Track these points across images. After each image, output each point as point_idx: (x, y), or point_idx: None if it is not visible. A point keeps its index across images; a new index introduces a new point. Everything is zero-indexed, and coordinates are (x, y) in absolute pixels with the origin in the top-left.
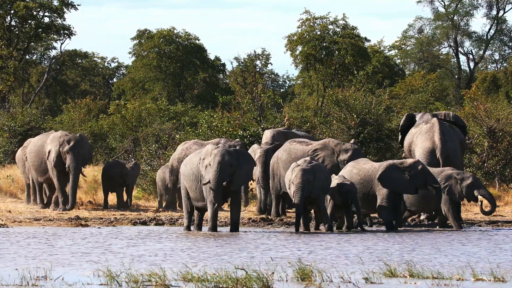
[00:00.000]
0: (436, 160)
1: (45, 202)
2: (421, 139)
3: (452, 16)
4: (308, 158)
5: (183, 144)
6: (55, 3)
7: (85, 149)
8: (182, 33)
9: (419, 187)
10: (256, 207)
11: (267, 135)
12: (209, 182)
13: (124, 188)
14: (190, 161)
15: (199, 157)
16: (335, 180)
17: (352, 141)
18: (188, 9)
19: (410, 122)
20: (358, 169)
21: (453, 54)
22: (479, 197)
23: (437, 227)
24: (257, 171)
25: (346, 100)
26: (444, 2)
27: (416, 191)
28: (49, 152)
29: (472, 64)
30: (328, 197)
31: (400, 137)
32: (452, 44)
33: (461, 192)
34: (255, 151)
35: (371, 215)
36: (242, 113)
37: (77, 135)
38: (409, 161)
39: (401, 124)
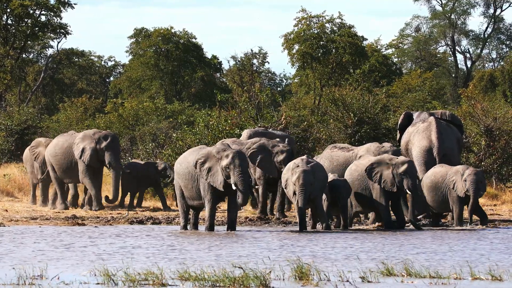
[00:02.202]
0: (433, 159)
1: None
2: (418, 138)
3: (449, 14)
4: (305, 157)
5: (220, 143)
6: (52, 1)
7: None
8: (179, 32)
9: (399, 187)
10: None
11: (244, 136)
12: (235, 185)
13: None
14: (185, 160)
15: (194, 156)
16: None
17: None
18: (186, 8)
19: (408, 120)
20: (356, 165)
21: (450, 52)
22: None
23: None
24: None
25: (343, 99)
26: (441, 1)
27: (401, 188)
28: (82, 150)
29: (469, 63)
30: (323, 196)
31: (398, 135)
32: (449, 42)
33: (464, 187)
34: (279, 149)
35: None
36: (239, 112)
37: (108, 131)
38: (400, 159)
39: (399, 122)
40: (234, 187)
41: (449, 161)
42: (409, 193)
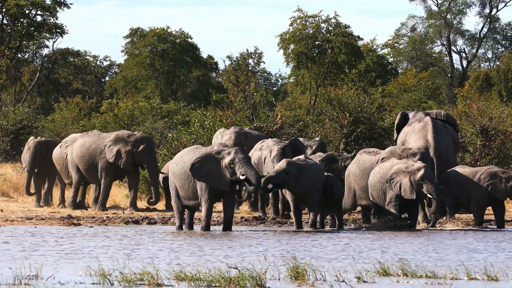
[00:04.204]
0: (429, 159)
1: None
2: (414, 137)
3: (445, 14)
4: (301, 157)
5: (260, 143)
6: (48, 1)
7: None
8: (175, 32)
9: (418, 194)
10: (272, 209)
11: (231, 135)
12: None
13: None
14: (182, 160)
15: (190, 156)
16: None
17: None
18: (181, 7)
19: (405, 120)
20: (380, 167)
21: (446, 52)
22: None
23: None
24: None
25: (339, 98)
26: (437, 1)
27: (418, 196)
28: (117, 154)
29: (465, 63)
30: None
31: (396, 135)
32: (445, 42)
33: (505, 191)
34: (271, 147)
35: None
36: (235, 111)
37: (142, 133)
38: (415, 165)
39: (396, 123)
40: (242, 177)
41: (445, 161)
42: (430, 197)
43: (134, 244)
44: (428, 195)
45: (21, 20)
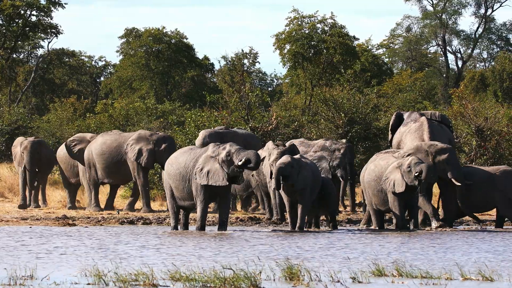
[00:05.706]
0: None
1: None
2: (410, 138)
3: (440, 14)
4: (297, 156)
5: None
6: (42, 1)
7: None
8: (170, 32)
9: (412, 186)
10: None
11: (199, 136)
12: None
13: None
14: (176, 161)
15: (186, 158)
16: None
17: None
18: (176, 8)
19: (399, 121)
20: (375, 165)
21: (441, 52)
22: None
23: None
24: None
25: (334, 99)
26: (432, 1)
27: (412, 189)
28: (139, 152)
29: (460, 63)
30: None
31: (390, 136)
32: (440, 42)
33: None
34: (270, 150)
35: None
36: (230, 112)
37: (164, 133)
38: (408, 160)
39: (391, 123)
40: (240, 163)
41: None
42: (416, 174)
43: (128, 244)
44: (415, 174)
45: (16, 20)
